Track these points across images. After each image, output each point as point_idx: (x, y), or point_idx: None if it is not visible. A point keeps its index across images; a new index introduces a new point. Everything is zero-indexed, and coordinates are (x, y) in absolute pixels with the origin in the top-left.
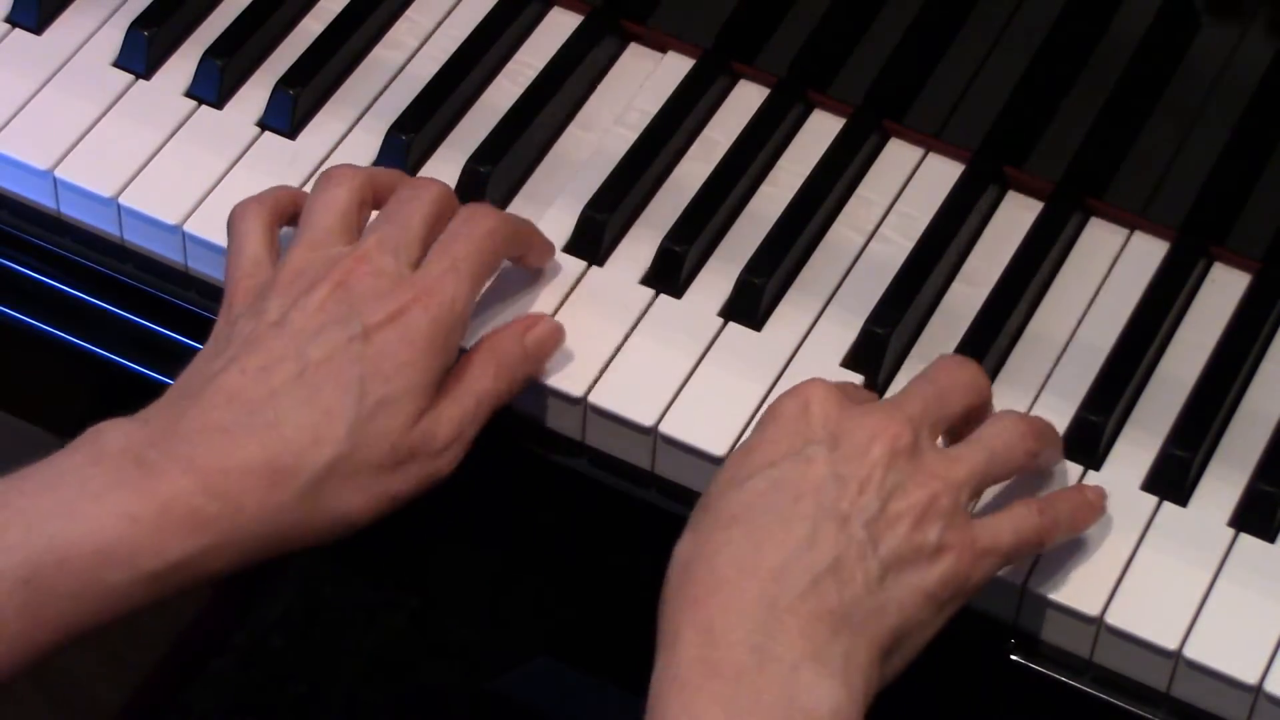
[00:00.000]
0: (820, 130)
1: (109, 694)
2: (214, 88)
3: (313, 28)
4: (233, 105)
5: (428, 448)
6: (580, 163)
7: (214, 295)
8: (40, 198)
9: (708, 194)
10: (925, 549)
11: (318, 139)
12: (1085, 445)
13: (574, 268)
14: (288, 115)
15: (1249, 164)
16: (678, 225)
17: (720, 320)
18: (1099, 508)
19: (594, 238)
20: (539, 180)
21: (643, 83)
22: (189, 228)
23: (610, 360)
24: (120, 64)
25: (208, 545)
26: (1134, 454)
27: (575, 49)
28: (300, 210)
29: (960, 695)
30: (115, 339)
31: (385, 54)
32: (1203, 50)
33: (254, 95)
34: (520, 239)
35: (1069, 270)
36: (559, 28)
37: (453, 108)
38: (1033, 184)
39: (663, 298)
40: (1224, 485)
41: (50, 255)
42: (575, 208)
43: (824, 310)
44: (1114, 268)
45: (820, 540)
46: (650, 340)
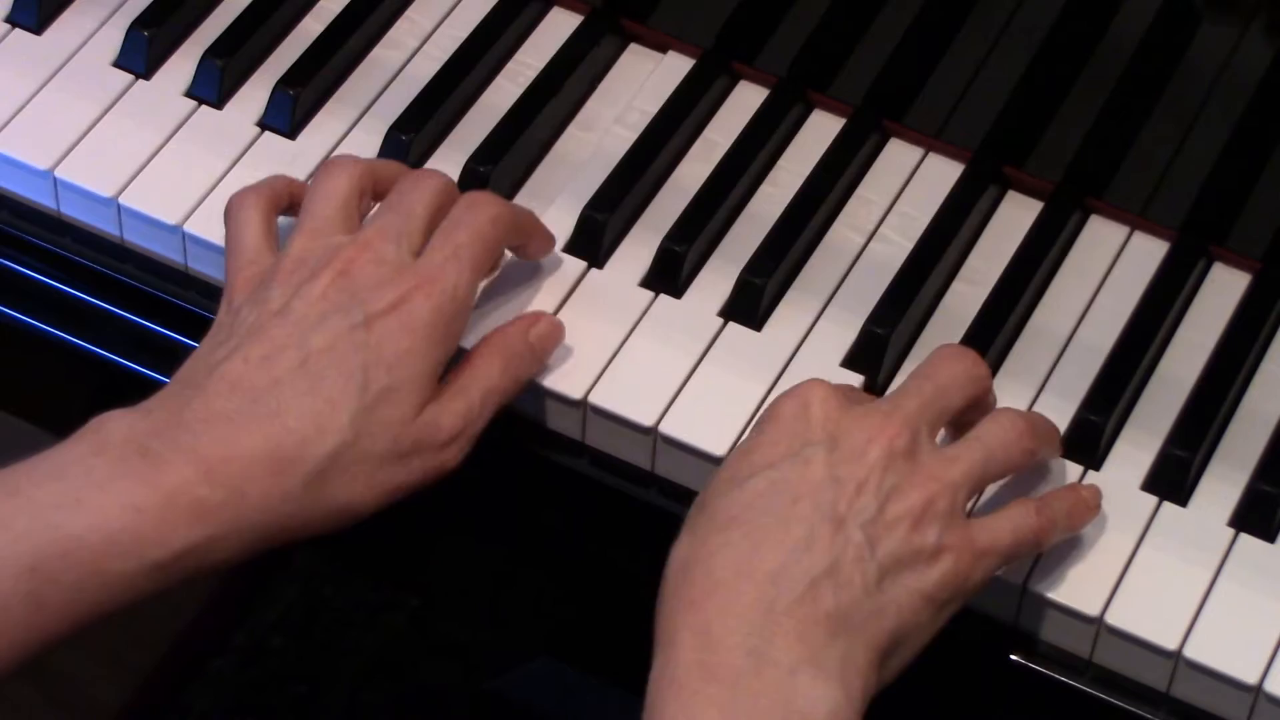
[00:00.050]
0: (820, 130)
1: (109, 694)
2: (214, 88)
3: (313, 28)
4: (233, 105)
5: (433, 440)
6: (580, 163)
7: (214, 295)
8: (40, 198)
9: (708, 194)
10: (923, 551)
11: (318, 139)
12: (1085, 445)
13: (574, 268)
14: (288, 115)
15: (1249, 164)
16: (678, 225)
17: (720, 320)
18: (1095, 506)
19: (594, 238)
20: (539, 180)
21: (643, 83)
22: (189, 228)
23: (610, 360)
24: (120, 64)
25: (212, 534)
26: (1134, 454)
27: (575, 49)
28: (297, 199)
29: (960, 695)
30: (115, 339)
31: (385, 54)
32: (1203, 50)
33: (254, 95)
34: (522, 228)
35: (1069, 270)
36: (559, 28)
37: (453, 108)
38: (1033, 184)
39: (663, 298)
40: (1224, 485)
41: (50, 255)
42: (575, 208)
43: (824, 310)
44: (1114, 267)
45: (817, 543)
46: (650, 340)
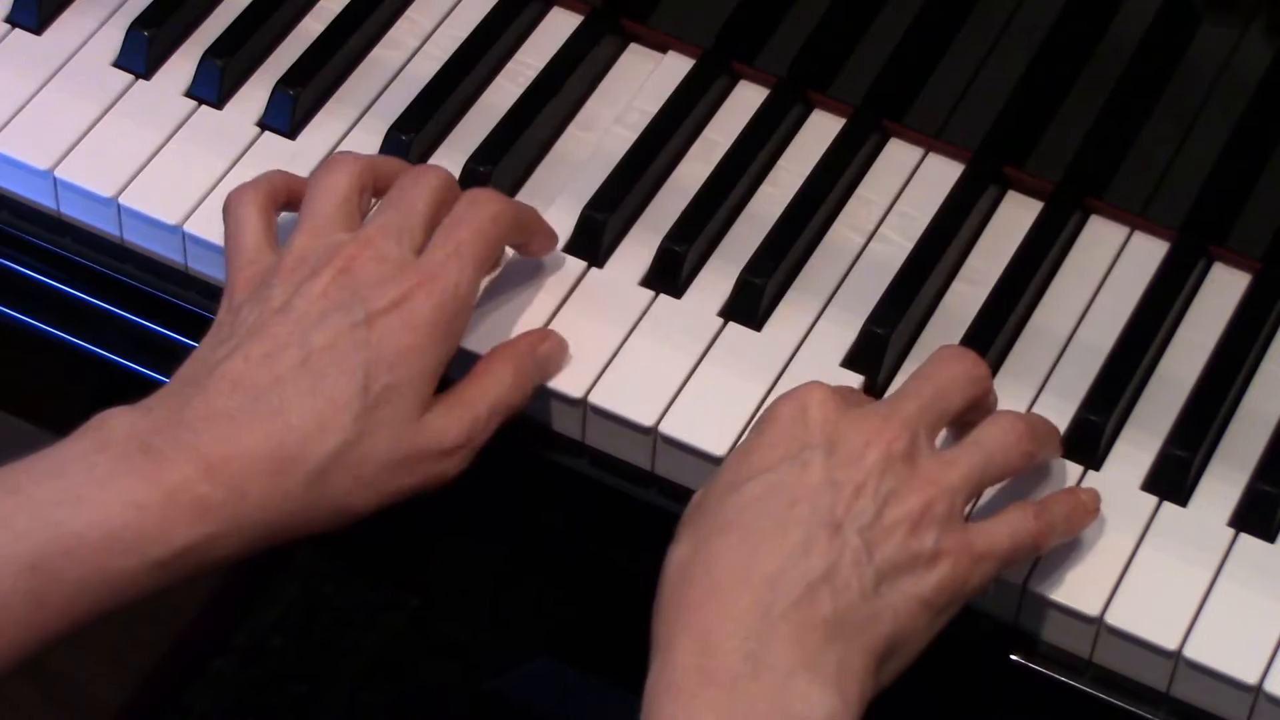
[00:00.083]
0: (820, 130)
1: (109, 694)
2: (214, 88)
3: (313, 28)
4: (233, 105)
5: (437, 449)
6: (580, 163)
7: (214, 295)
8: (40, 198)
9: (708, 194)
10: (921, 555)
11: (318, 139)
12: (1085, 445)
13: (574, 268)
14: (288, 115)
15: (1249, 164)
16: (678, 225)
17: (720, 320)
18: (1094, 510)
19: (594, 238)
20: (539, 180)
21: (643, 83)
22: (189, 228)
23: (610, 360)
24: (120, 64)
25: (213, 532)
26: (1134, 454)
27: (575, 49)
28: (295, 195)
29: (960, 695)
30: (115, 339)
31: (385, 54)
32: (1203, 50)
33: (254, 95)
34: (524, 225)
35: (1069, 270)
36: (559, 28)
37: (453, 108)
38: (1033, 184)
39: (663, 298)
40: (1224, 485)
41: (50, 255)
42: (575, 208)
43: (824, 310)
44: (1114, 267)
45: (815, 547)
46: (650, 340)
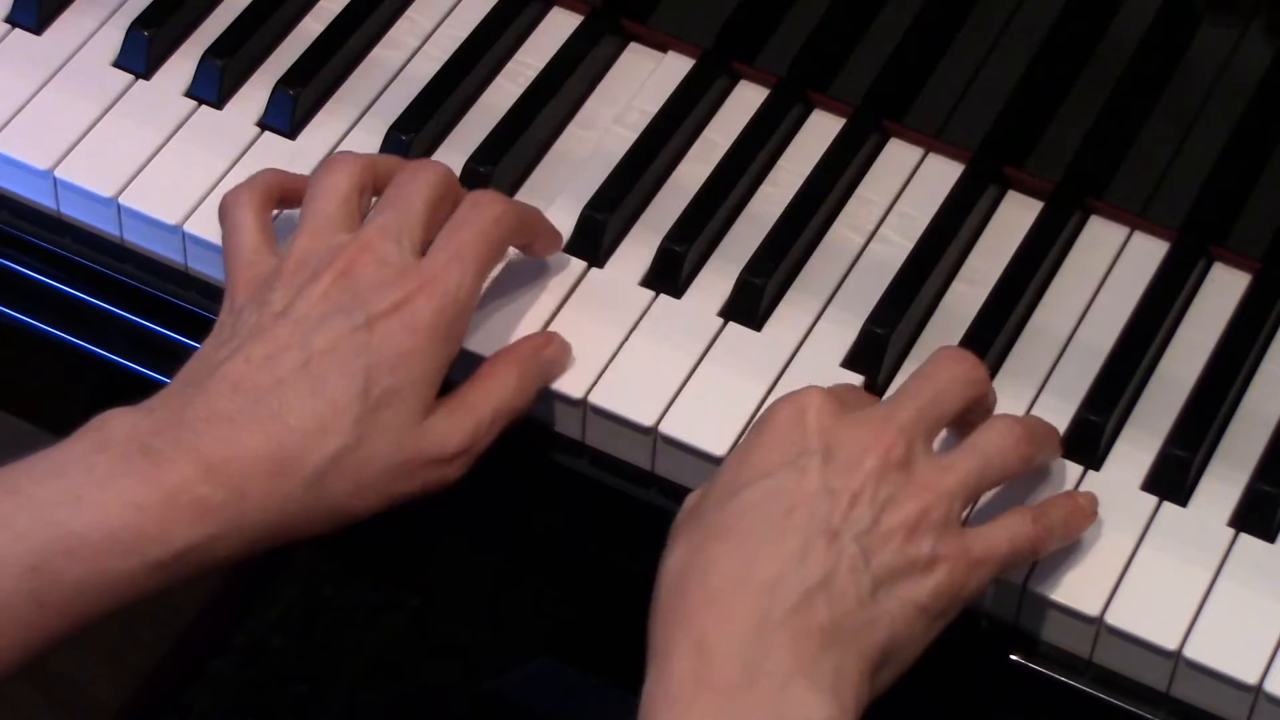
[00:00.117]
0: (820, 130)
1: (109, 694)
2: (214, 88)
3: (313, 28)
4: (233, 105)
5: (439, 455)
6: (580, 161)
7: (214, 295)
8: (40, 198)
9: (708, 194)
10: (918, 561)
11: (318, 139)
12: (1085, 445)
13: (574, 268)
14: (288, 115)
15: (1249, 164)
16: (678, 225)
17: (720, 320)
18: (1092, 514)
19: (594, 238)
20: (539, 178)
21: (643, 83)
22: (189, 228)
23: (610, 360)
24: (120, 64)
25: (213, 533)
26: (1134, 454)
27: (575, 49)
28: (289, 192)
29: (960, 695)
30: (115, 339)
31: (385, 54)
32: (1203, 50)
33: (254, 95)
34: (526, 226)
35: (1069, 270)
36: (559, 28)
37: (453, 108)
38: (1033, 184)
39: (663, 298)
40: (1224, 485)
41: (50, 255)
42: (575, 208)
43: (824, 310)
44: (1114, 267)
45: (812, 554)
46: (650, 340)
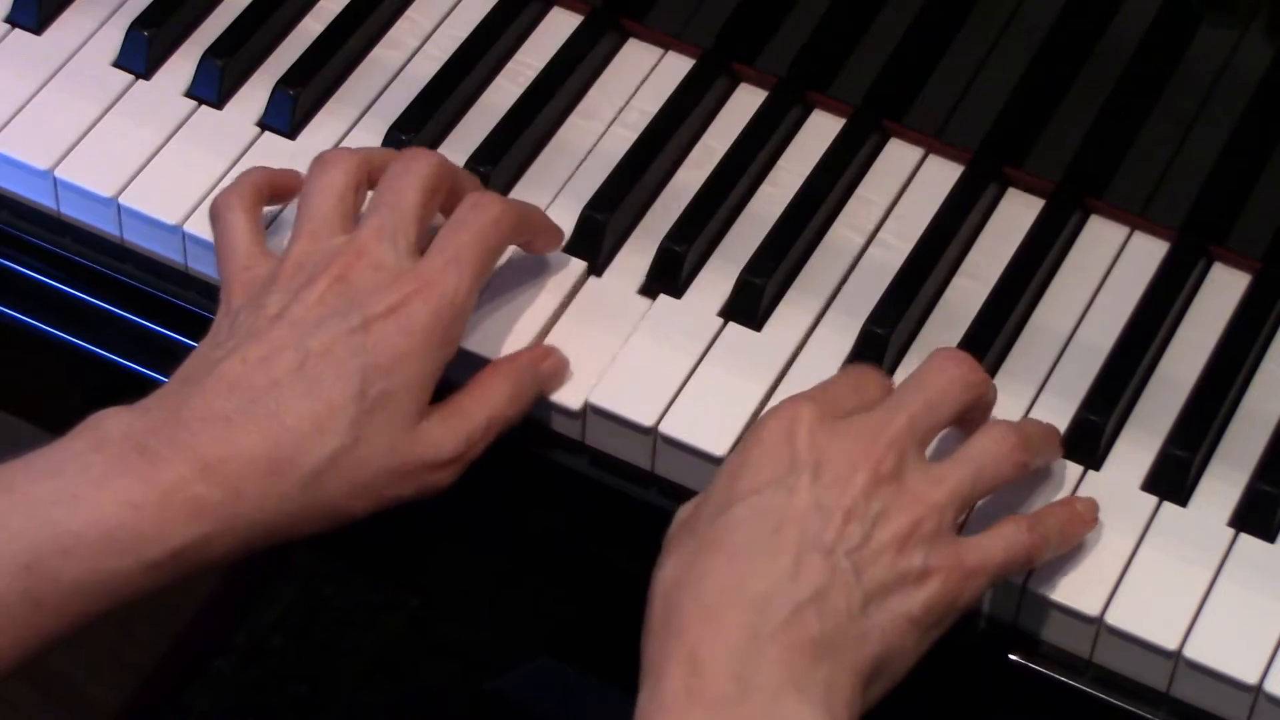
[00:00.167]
0: (820, 130)
1: (109, 695)
2: (214, 88)
3: (313, 28)
4: (233, 105)
5: (433, 460)
6: (580, 155)
7: (213, 295)
8: (40, 198)
9: (708, 194)
10: (909, 574)
11: (318, 139)
12: (1085, 445)
13: (574, 268)
14: (288, 115)
15: (1249, 164)
16: (678, 225)
17: (720, 320)
18: (1091, 520)
19: (594, 238)
20: (539, 171)
21: (643, 82)
22: (189, 228)
23: (611, 360)
24: (120, 64)
25: (209, 532)
26: (1134, 454)
27: (575, 49)
28: (278, 188)
29: (960, 695)
30: (115, 339)
31: (385, 54)
32: (1203, 50)
33: (254, 95)
34: (526, 225)
35: (1069, 270)
36: (559, 28)
37: (453, 108)
38: (1033, 184)
39: (663, 298)
40: (1224, 485)
41: (50, 255)
42: (575, 208)
43: (824, 310)
44: (1114, 267)
45: (803, 570)
46: (650, 340)
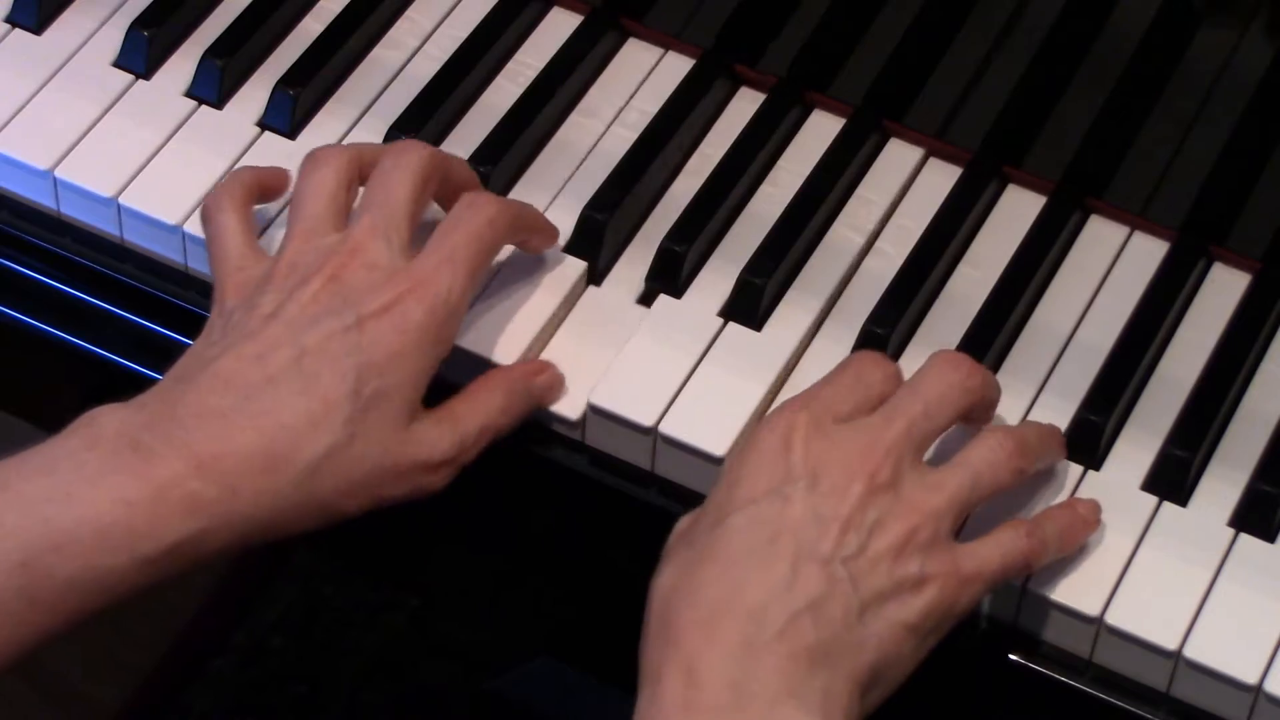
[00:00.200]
0: (820, 130)
1: (108, 694)
2: (214, 88)
3: (313, 28)
4: (233, 105)
5: (425, 462)
6: (579, 152)
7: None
8: (40, 198)
9: (708, 194)
10: (906, 582)
11: (318, 139)
12: (1085, 445)
13: (573, 268)
14: (288, 115)
15: (1249, 164)
16: (678, 225)
17: (720, 320)
18: (1093, 523)
19: (594, 238)
20: (539, 170)
21: (643, 82)
22: (189, 228)
23: (610, 361)
24: (120, 64)
25: (204, 528)
26: (1134, 454)
27: (575, 49)
28: (267, 187)
29: (960, 695)
30: (115, 339)
31: (385, 54)
32: (1203, 50)
33: (254, 95)
34: (522, 225)
35: (1069, 270)
36: (559, 27)
37: (453, 108)
38: (1033, 184)
39: (663, 298)
40: (1224, 485)
41: (50, 255)
42: (575, 208)
43: (824, 310)
44: (1114, 267)
45: (799, 580)
46: (650, 340)
